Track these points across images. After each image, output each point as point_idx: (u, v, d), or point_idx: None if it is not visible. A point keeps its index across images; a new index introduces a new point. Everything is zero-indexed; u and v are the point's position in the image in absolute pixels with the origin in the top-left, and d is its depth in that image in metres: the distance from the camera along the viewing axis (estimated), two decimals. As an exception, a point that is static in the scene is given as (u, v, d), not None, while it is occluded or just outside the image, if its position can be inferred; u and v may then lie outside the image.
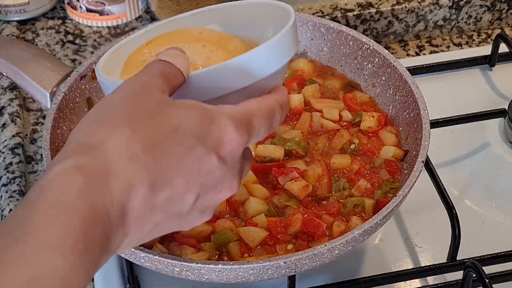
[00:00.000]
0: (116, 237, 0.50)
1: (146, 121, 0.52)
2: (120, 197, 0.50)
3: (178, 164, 0.52)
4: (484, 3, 1.08)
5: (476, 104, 0.95)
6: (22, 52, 0.84)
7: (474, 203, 0.86)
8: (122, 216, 0.50)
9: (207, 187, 0.54)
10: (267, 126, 0.58)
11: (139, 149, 0.51)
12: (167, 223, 0.54)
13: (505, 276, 0.76)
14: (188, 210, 0.54)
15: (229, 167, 0.55)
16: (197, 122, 0.53)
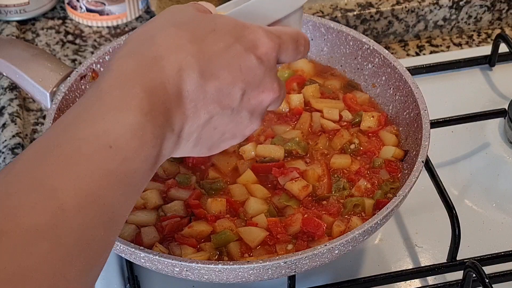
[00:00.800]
0: (176, 115, 0.56)
1: (187, 24, 0.59)
2: (174, 77, 0.56)
3: (220, 57, 0.58)
4: (484, 3, 1.08)
5: (476, 104, 0.95)
6: (22, 52, 0.84)
7: (474, 203, 0.86)
8: (178, 95, 0.56)
9: (250, 84, 0.60)
10: (293, 46, 0.63)
11: (186, 41, 0.57)
12: (221, 119, 0.59)
13: (505, 276, 0.76)
14: (238, 106, 0.60)
15: (267, 68, 0.60)
16: (232, 25, 0.60)
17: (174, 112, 0.56)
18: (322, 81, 0.87)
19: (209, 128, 0.60)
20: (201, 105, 0.58)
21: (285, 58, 0.64)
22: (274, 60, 0.62)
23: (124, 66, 0.56)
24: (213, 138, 0.61)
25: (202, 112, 0.58)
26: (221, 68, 0.58)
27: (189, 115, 0.57)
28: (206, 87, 0.57)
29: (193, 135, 0.59)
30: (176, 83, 0.56)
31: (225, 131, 0.61)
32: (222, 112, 0.59)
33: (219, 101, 0.58)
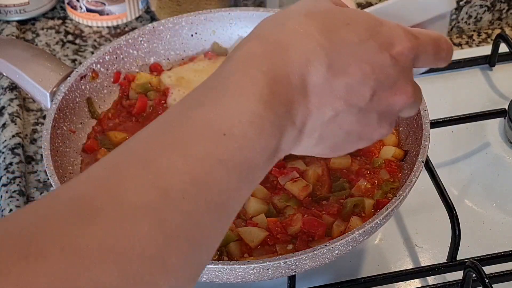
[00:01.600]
0: (299, 108, 0.52)
1: (320, 13, 0.55)
2: (300, 68, 0.52)
3: (352, 52, 0.54)
4: (484, 3, 1.08)
5: (476, 104, 0.95)
6: (22, 52, 0.84)
7: (474, 203, 0.86)
8: (303, 87, 0.52)
9: (382, 84, 0.55)
10: (433, 49, 0.59)
11: (316, 31, 0.54)
12: (347, 117, 0.55)
13: (505, 276, 0.76)
14: (366, 105, 0.55)
15: (401, 69, 0.56)
16: (368, 21, 0.56)
17: (297, 105, 0.52)
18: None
19: (334, 126, 0.55)
20: (327, 101, 0.54)
21: (423, 62, 0.58)
22: (410, 62, 0.57)
23: (250, 50, 0.53)
24: (338, 138, 0.57)
25: (327, 108, 0.54)
26: (352, 63, 0.54)
27: (313, 109, 0.53)
28: (334, 82, 0.53)
29: (316, 131, 0.55)
30: (301, 75, 0.53)
31: (351, 131, 0.56)
32: (349, 110, 0.55)
33: (346, 99, 0.54)
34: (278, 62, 0.52)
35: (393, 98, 0.56)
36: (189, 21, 0.90)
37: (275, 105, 0.51)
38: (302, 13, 0.55)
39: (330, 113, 0.54)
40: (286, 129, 0.52)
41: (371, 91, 0.55)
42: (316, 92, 0.53)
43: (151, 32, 0.89)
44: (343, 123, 0.55)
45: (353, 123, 0.56)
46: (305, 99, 0.53)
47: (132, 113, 0.84)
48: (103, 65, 0.86)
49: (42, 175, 0.89)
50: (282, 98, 0.51)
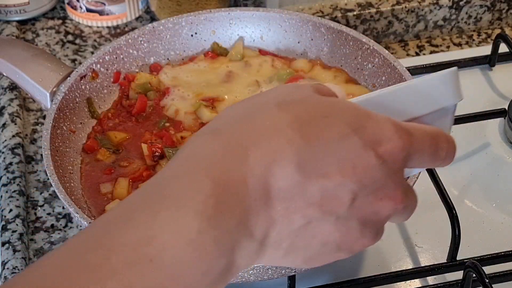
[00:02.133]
0: (258, 218, 0.45)
1: (294, 103, 0.48)
2: (261, 170, 0.45)
3: (330, 149, 0.46)
4: (484, 3, 1.08)
5: (476, 104, 0.95)
6: (22, 52, 0.84)
7: (474, 203, 0.86)
8: (264, 193, 0.45)
9: (365, 188, 0.47)
10: (430, 148, 0.50)
11: (286, 125, 0.46)
12: (322, 226, 0.47)
13: (505, 276, 0.76)
14: (345, 213, 0.47)
15: (390, 170, 0.48)
16: (352, 114, 0.48)
17: (255, 214, 0.44)
18: (323, 81, 0.87)
19: (306, 236, 0.47)
20: (296, 208, 0.45)
21: (417, 162, 0.50)
22: (401, 163, 0.48)
23: (200, 148, 0.46)
24: (311, 249, 0.48)
25: (296, 216, 0.46)
26: (329, 163, 0.46)
27: (277, 218, 0.45)
28: (305, 185, 0.45)
29: (283, 242, 0.46)
30: (262, 178, 0.44)
31: (327, 241, 0.48)
32: (324, 218, 0.46)
33: (321, 205, 0.46)
34: (233, 164, 0.45)
35: (378, 204, 0.48)
36: (189, 21, 0.90)
37: (221, 219, 0.43)
38: (274, 102, 0.48)
39: (300, 221, 0.46)
40: (241, 244, 0.44)
41: (352, 196, 0.46)
42: (282, 198, 0.45)
43: (151, 32, 0.89)
44: (317, 232, 0.47)
45: (329, 233, 0.47)
46: (268, 207, 0.45)
47: (132, 113, 0.84)
48: (103, 65, 0.86)
49: (42, 175, 0.89)
50: (232, 209, 0.43)
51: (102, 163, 0.80)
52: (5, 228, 0.82)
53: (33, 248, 0.82)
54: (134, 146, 0.81)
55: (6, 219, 0.83)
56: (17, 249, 0.80)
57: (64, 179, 0.75)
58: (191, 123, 0.82)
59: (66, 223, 0.84)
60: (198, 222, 0.42)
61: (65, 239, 0.83)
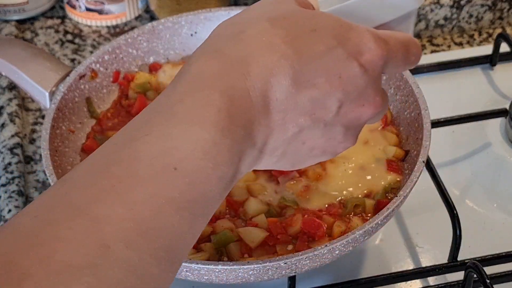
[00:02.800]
0: (260, 128, 0.49)
1: (285, 19, 0.51)
2: (262, 83, 0.48)
3: (319, 62, 0.50)
4: (485, 3, 1.08)
5: (477, 104, 0.95)
6: (21, 52, 0.84)
7: (475, 203, 0.86)
8: (264, 104, 0.49)
9: (349, 95, 0.51)
10: (403, 52, 0.54)
11: (279, 39, 0.49)
12: (311, 133, 0.51)
13: (506, 277, 0.76)
14: (332, 119, 0.51)
15: (370, 78, 0.52)
16: (336, 26, 0.51)
17: (257, 125, 0.48)
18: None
19: (297, 143, 0.52)
20: (290, 117, 0.50)
21: (392, 67, 0.55)
22: (379, 70, 0.53)
23: (204, 67, 0.48)
24: (300, 153, 0.53)
25: (290, 125, 0.50)
26: (319, 75, 0.50)
27: (274, 128, 0.50)
28: (299, 96, 0.49)
29: (278, 149, 0.51)
30: (263, 91, 0.48)
31: (315, 146, 0.53)
32: (313, 125, 0.51)
33: (312, 113, 0.50)
34: (237, 80, 0.48)
35: (360, 109, 0.53)
36: (189, 21, 0.90)
37: (233, 130, 0.46)
38: (264, 18, 0.51)
39: (293, 129, 0.51)
40: (246, 152, 0.48)
41: (338, 104, 0.51)
42: (279, 109, 0.49)
43: (151, 31, 0.89)
44: (307, 138, 0.52)
45: (317, 138, 0.52)
46: (267, 117, 0.49)
47: (131, 113, 0.84)
48: (103, 65, 0.86)
49: (41, 175, 0.89)
50: (241, 121, 0.47)
51: (101, 163, 0.79)
52: (4, 229, 0.81)
53: (32, 249, 0.82)
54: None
55: (5, 219, 0.82)
56: (16, 250, 0.79)
57: (63, 179, 0.74)
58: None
59: (65, 223, 0.84)
60: (212, 133, 0.45)
61: (64, 240, 0.83)
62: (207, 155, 0.45)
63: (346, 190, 0.75)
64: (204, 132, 0.45)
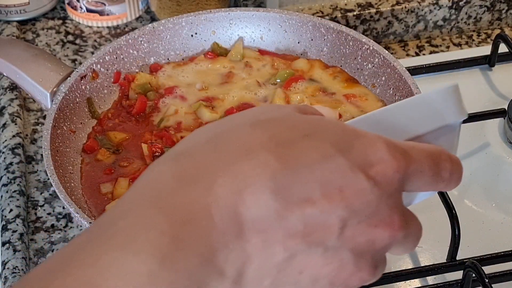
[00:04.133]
0: (229, 254, 0.39)
1: (271, 122, 0.42)
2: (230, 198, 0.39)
3: (311, 173, 0.40)
4: (483, 3, 1.08)
5: (475, 104, 0.95)
6: (22, 52, 0.84)
7: (474, 203, 0.86)
8: (236, 224, 0.39)
9: (356, 214, 0.41)
10: (431, 166, 0.45)
11: (258, 145, 0.40)
12: (309, 259, 0.41)
13: (505, 276, 0.76)
14: (335, 243, 0.41)
15: (384, 193, 0.42)
16: (337, 131, 0.42)
17: (225, 249, 0.39)
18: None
19: (291, 272, 0.41)
20: (276, 239, 0.39)
21: (416, 185, 0.44)
22: (396, 185, 0.42)
23: (157, 176, 0.40)
24: (301, 286, 0.42)
25: (276, 249, 0.40)
26: (312, 188, 0.40)
27: (254, 253, 0.39)
28: (284, 213, 0.39)
29: (265, 280, 0.40)
30: (231, 207, 0.39)
31: (318, 276, 0.41)
32: (309, 250, 0.40)
33: (305, 235, 0.40)
34: (196, 193, 0.39)
35: (373, 231, 0.42)
36: (189, 21, 0.90)
37: (179, 259, 0.37)
38: (249, 122, 0.42)
39: (282, 254, 0.40)
40: (209, 285, 0.38)
41: (340, 224, 0.41)
42: (257, 229, 0.39)
43: (151, 32, 0.89)
44: (305, 267, 0.41)
45: (319, 267, 0.41)
46: (240, 240, 0.39)
47: (132, 113, 0.84)
48: (103, 65, 0.86)
49: (43, 175, 0.89)
50: (193, 246, 0.38)
51: (102, 163, 0.80)
52: (5, 228, 0.82)
53: (33, 248, 0.82)
54: (134, 146, 0.81)
55: (7, 219, 0.83)
56: (17, 249, 0.80)
57: (64, 179, 0.75)
58: (191, 123, 0.83)
59: (66, 223, 0.84)
60: (149, 263, 0.37)
61: (65, 239, 0.83)
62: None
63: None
64: (139, 261, 0.37)
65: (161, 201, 0.39)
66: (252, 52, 0.90)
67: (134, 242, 0.37)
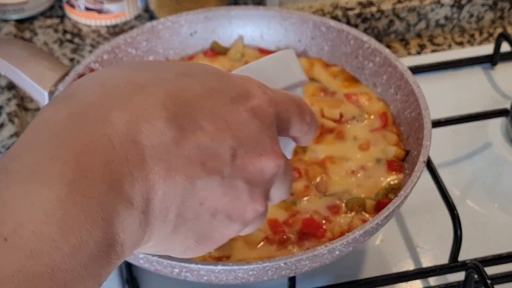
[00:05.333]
0: (134, 182, 0.40)
1: (150, 64, 0.46)
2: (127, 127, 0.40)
3: (197, 103, 0.43)
4: (486, 2, 1.08)
5: (478, 104, 0.95)
6: (20, 51, 0.84)
7: (476, 203, 0.85)
8: (136, 152, 0.40)
9: (243, 142, 0.45)
10: (294, 106, 0.50)
11: (144, 80, 0.43)
12: (207, 187, 0.43)
13: (507, 277, 0.75)
14: (230, 171, 0.44)
15: (262, 124, 0.46)
16: (214, 72, 0.46)
17: (130, 177, 0.39)
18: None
19: (193, 203, 0.43)
20: (177, 167, 0.41)
21: (285, 122, 0.49)
22: (271, 117, 0.47)
23: (51, 114, 0.40)
24: (201, 220, 0.44)
25: (178, 176, 0.41)
26: (201, 117, 0.43)
27: (157, 181, 0.41)
28: (182, 141, 0.42)
29: (170, 211, 0.42)
30: (130, 136, 0.40)
31: (217, 209, 0.44)
32: (209, 178, 0.43)
33: (202, 162, 0.42)
34: (92, 125, 0.39)
35: (260, 160, 0.45)
36: (188, 20, 0.90)
37: (87, 183, 0.37)
38: (132, 67, 0.45)
39: (184, 182, 0.42)
40: (119, 214, 0.39)
41: (231, 152, 0.44)
42: (158, 157, 0.41)
43: (150, 31, 0.88)
44: (205, 197, 0.43)
45: (217, 197, 0.44)
46: (143, 168, 0.40)
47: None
48: (102, 64, 0.85)
49: (40, 175, 0.89)
50: (99, 172, 0.38)
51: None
52: (2, 229, 0.81)
53: (31, 249, 0.81)
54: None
55: (4, 219, 0.82)
56: (14, 250, 0.79)
57: (62, 179, 0.74)
58: (190, 122, 0.82)
59: (64, 223, 0.84)
60: (57, 189, 0.36)
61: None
62: (51, 217, 0.35)
63: (346, 190, 0.75)
64: (46, 188, 0.36)
65: (59, 136, 0.39)
66: (252, 51, 0.90)
67: (38, 173, 0.37)
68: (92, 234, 0.37)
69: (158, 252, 0.45)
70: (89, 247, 0.37)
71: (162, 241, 0.44)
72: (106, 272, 0.39)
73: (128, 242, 0.40)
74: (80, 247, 0.36)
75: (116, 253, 0.39)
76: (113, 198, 0.38)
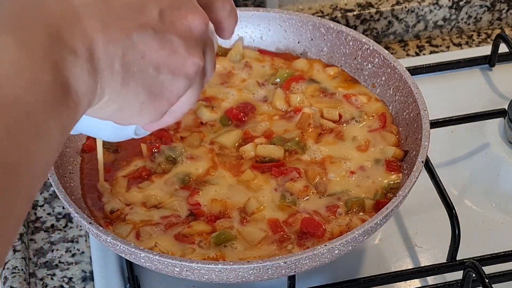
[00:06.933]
0: (73, 33, 0.44)
1: None
2: None
3: None
4: (484, 3, 1.08)
5: (476, 104, 0.95)
6: None
7: (474, 203, 0.86)
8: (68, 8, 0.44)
9: (167, 3, 0.49)
10: None
11: None
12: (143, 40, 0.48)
13: (505, 276, 0.76)
14: (160, 26, 0.48)
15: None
16: None
17: (68, 28, 0.44)
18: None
19: (135, 56, 0.48)
20: (111, 21, 0.46)
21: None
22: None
23: None
24: (148, 75, 0.49)
25: (113, 31, 0.46)
26: None
27: (95, 34, 0.45)
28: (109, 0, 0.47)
29: (115, 61, 0.46)
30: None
31: (159, 63, 0.49)
32: (142, 32, 0.48)
33: (133, 17, 0.47)
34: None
35: (187, 18, 0.50)
36: (189, 21, 0.90)
37: (27, 33, 0.42)
38: None
39: (120, 35, 0.46)
40: (66, 60, 0.43)
41: (158, 9, 0.49)
42: (91, 14, 0.45)
43: (151, 32, 0.89)
44: (143, 50, 0.48)
45: (156, 51, 0.48)
46: (79, 22, 0.45)
47: (132, 113, 0.84)
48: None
49: (42, 175, 0.89)
50: (36, 22, 0.42)
51: (102, 163, 0.80)
52: (5, 228, 0.82)
53: (33, 248, 0.82)
54: (133, 146, 0.80)
55: (6, 219, 0.82)
56: (17, 249, 0.80)
57: (64, 179, 0.74)
58: (190, 123, 0.82)
59: (66, 223, 0.84)
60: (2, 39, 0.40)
61: (65, 239, 0.83)
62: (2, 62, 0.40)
63: (345, 190, 0.76)
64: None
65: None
66: (252, 52, 0.90)
67: None
68: (43, 73, 0.41)
69: (118, 112, 0.49)
70: (43, 85, 0.41)
71: (117, 96, 0.48)
72: (67, 116, 0.43)
73: (82, 90, 0.44)
74: (35, 82, 0.40)
75: (72, 99, 0.43)
76: (56, 46, 0.43)
